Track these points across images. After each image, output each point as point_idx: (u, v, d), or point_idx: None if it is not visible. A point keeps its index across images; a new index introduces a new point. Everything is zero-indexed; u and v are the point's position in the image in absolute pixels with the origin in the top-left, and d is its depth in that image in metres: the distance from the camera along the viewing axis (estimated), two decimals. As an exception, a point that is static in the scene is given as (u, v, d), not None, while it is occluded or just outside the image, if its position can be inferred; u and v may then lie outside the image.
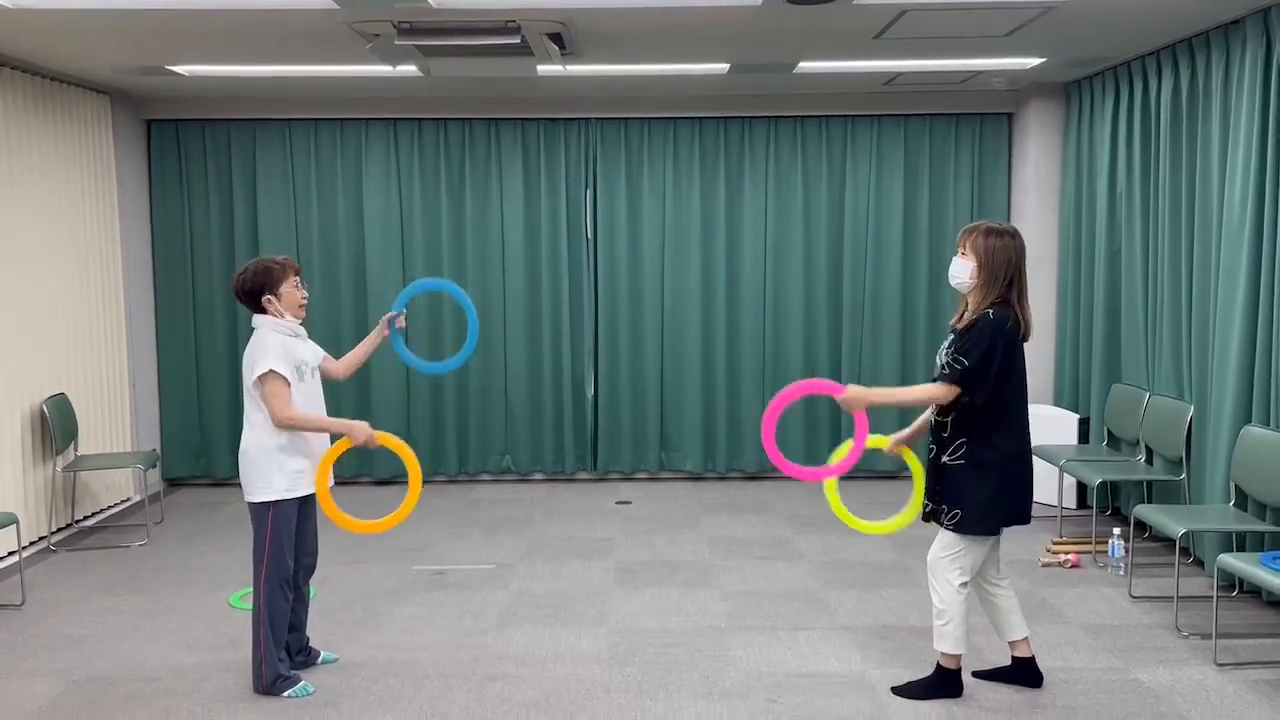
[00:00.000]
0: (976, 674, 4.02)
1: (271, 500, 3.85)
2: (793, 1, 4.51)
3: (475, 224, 7.40)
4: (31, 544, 5.92)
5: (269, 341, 3.83)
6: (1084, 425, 6.46)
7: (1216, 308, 5.07)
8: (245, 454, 3.89)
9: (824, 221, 7.39)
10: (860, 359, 7.45)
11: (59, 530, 6.19)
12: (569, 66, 5.95)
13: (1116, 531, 5.48)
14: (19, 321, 5.82)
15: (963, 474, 3.68)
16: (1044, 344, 7.04)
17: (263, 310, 3.89)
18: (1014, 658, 3.97)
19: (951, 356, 3.63)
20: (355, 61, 5.75)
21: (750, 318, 7.45)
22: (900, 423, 7.09)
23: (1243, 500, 4.81)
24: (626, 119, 7.35)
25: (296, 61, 5.82)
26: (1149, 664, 4.20)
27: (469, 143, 7.36)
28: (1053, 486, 6.08)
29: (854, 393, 3.75)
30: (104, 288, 6.71)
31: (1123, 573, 5.24)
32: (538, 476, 7.67)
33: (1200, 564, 5.29)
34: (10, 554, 5.61)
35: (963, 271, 3.72)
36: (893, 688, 3.96)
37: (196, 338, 7.42)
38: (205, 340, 7.42)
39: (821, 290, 7.43)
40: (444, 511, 6.77)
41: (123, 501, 6.91)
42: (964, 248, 3.73)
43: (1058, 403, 6.94)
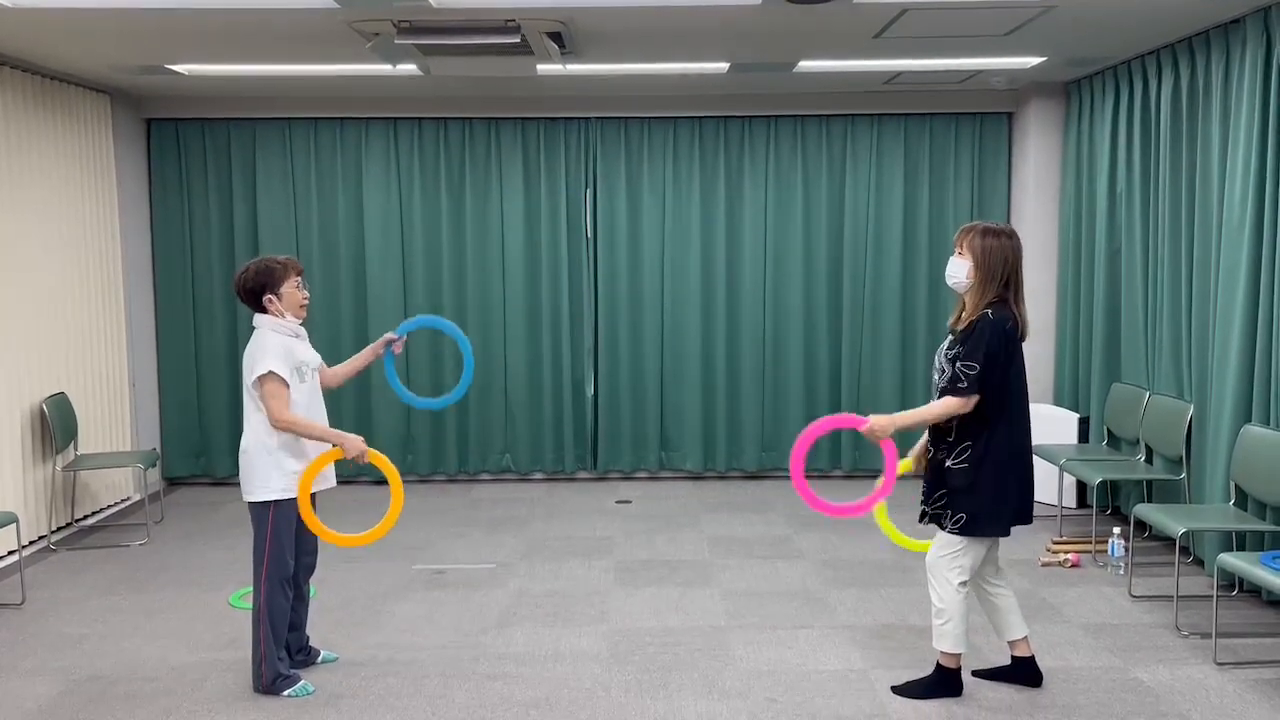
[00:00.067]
0: (976, 673, 4.02)
1: (271, 500, 3.85)
2: (793, 1, 4.51)
3: (475, 223, 7.40)
4: (31, 543, 5.92)
5: (269, 342, 3.82)
6: (1084, 424, 6.47)
7: (1216, 307, 5.06)
8: (245, 454, 3.88)
9: (824, 221, 7.39)
10: (860, 358, 7.45)
11: (59, 529, 6.19)
12: (569, 66, 5.95)
13: (1116, 531, 5.48)
14: (19, 321, 5.82)
15: (967, 477, 3.67)
16: (1044, 343, 7.04)
17: (263, 310, 3.89)
18: (1013, 657, 3.97)
19: (961, 367, 3.61)
20: (355, 61, 5.75)
21: (750, 317, 7.45)
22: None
23: (1243, 500, 4.81)
24: (626, 118, 7.35)
25: (296, 60, 5.82)
26: (1149, 663, 4.20)
27: (469, 142, 7.36)
28: (1053, 486, 6.08)
29: (877, 422, 3.68)
30: (104, 287, 6.71)
31: (1123, 572, 5.24)
32: (538, 476, 7.67)
33: (1200, 563, 5.29)
34: (10, 553, 5.61)
35: (960, 271, 3.72)
36: (893, 687, 3.96)
37: (196, 337, 7.42)
38: (205, 339, 7.42)
39: (821, 289, 7.43)
40: (444, 511, 6.77)
41: (122, 501, 6.91)
42: (961, 247, 3.73)
43: (1058, 402, 6.94)
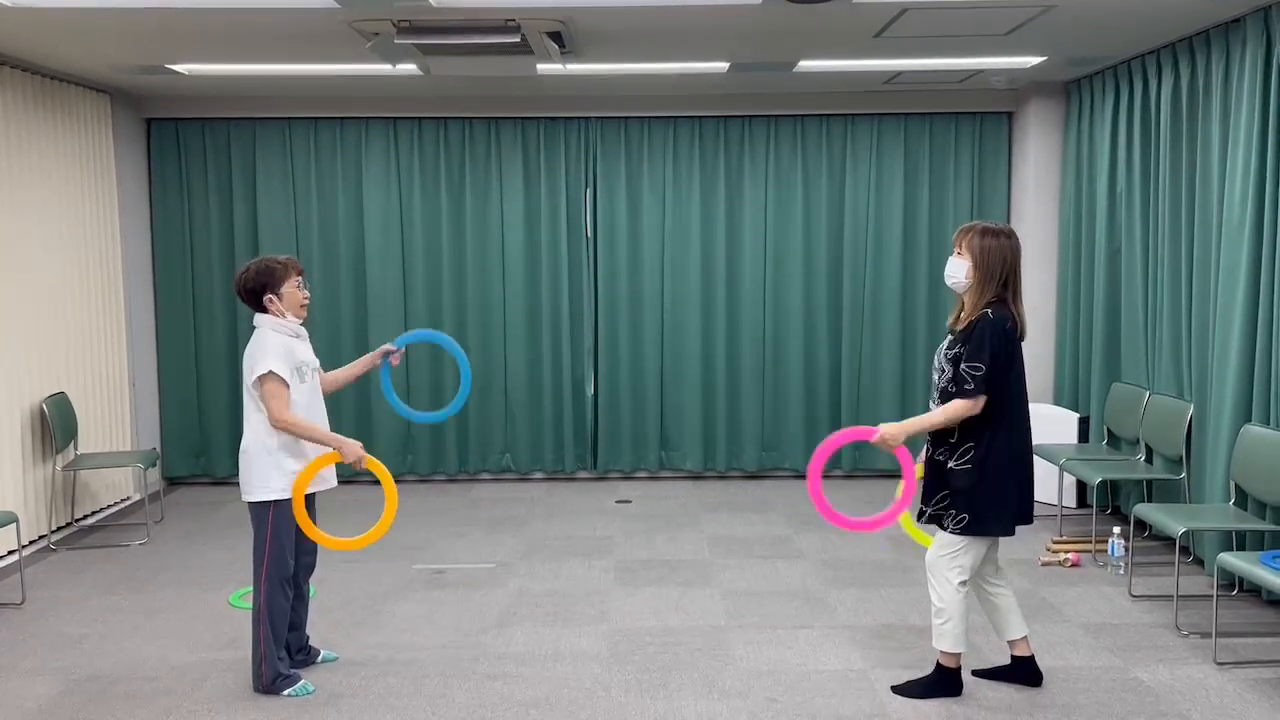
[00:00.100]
0: (976, 673, 4.02)
1: (271, 500, 3.85)
2: (793, 1, 4.51)
3: (475, 223, 7.40)
4: (31, 543, 5.92)
5: (269, 342, 3.82)
6: (1084, 424, 6.46)
7: (1216, 307, 5.06)
8: (245, 453, 3.88)
9: (824, 220, 7.39)
10: (860, 357, 7.45)
11: (59, 529, 6.19)
12: (569, 65, 5.95)
13: (1116, 530, 5.48)
14: (19, 320, 5.81)
15: (970, 478, 3.67)
16: (1044, 343, 7.04)
17: (264, 309, 3.89)
18: (1013, 656, 3.97)
19: (967, 369, 3.61)
20: (355, 60, 5.75)
21: (750, 316, 7.45)
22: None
23: (1242, 499, 4.81)
24: (626, 118, 7.35)
25: (296, 60, 5.81)
26: (1149, 663, 4.20)
27: (469, 142, 7.36)
28: (1053, 485, 6.08)
29: (888, 430, 3.69)
30: (104, 286, 6.71)
31: (1123, 572, 5.24)
32: (538, 475, 7.67)
33: (1200, 563, 5.29)
34: (10, 553, 5.61)
35: (958, 271, 3.72)
36: (893, 686, 3.96)
37: (196, 336, 7.42)
38: (205, 339, 7.42)
39: (821, 288, 7.43)
40: (444, 510, 6.77)
41: (122, 500, 6.91)
42: (960, 247, 3.74)
43: (1058, 402, 6.94)
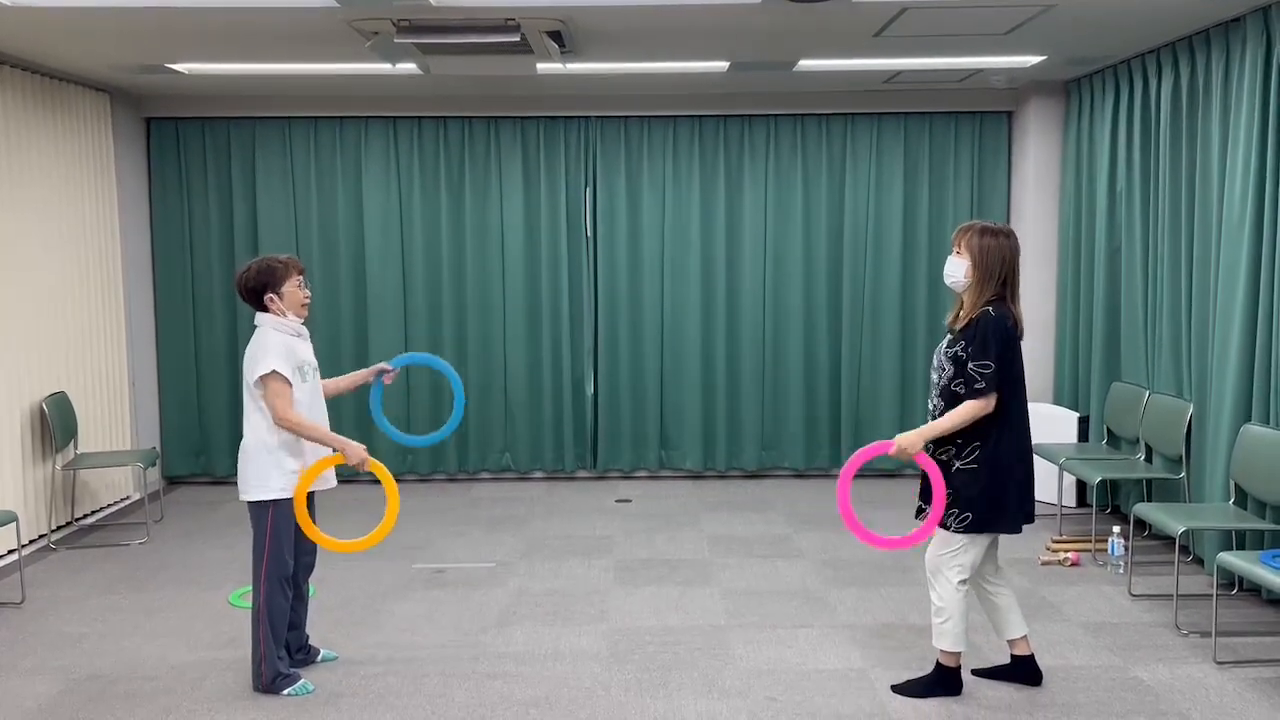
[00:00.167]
0: (976, 672, 4.02)
1: (270, 499, 3.85)
2: (793, 0, 4.51)
3: (475, 222, 7.40)
4: (31, 542, 5.92)
5: (271, 341, 3.82)
6: (1084, 423, 6.46)
7: (1216, 306, 5.06)
8: (244, 453, 3.89)
9: (824, 219, 7.39)
10: (860, 356, 7.45)
11: (59, 528, 6.19)
12: (569, 65, 5.95)
13: (1116, 530, 5.48)
14: (18, 320, 5.81)
15: (976, 476, 3.67)
16: (1044, 342, 7.04)
17: (264, 308, 3.89)
18: (1013, 656, 3.97)
19: (975, 369, 3.61)
20: (355, 60, 5.75)
21: (750, 315, 7.45)
22: (900, 426, 7.19)
23: (1242, 498, 4.81)
24: (626, 117, 7.35)
25: (296, 59, 5.81)
26: (1149, 662, 4.20)
27: (469, 141, 7.36)
28: (1052, 485, 6.08)
29: (904, 440, 3.67)
30: (103, 286, 6.70)
31: (1122, 571, 5.24)
32: (537, 475, 7.67)
33: (1200, 562, 5.29)
34: (10, 552, 5.60)
35: (957, 270, 3.72)
36: (892, 686, 3.96)
37: (196, 336, 7.42)
38: (205, 338, 7.42)
39: (821, 288, 7.43)
40: (444, 510, 6.77)
41: (122, 500, 6.91)
42: (959, 246, 3.74)
43: (1057, 401, 6.94)
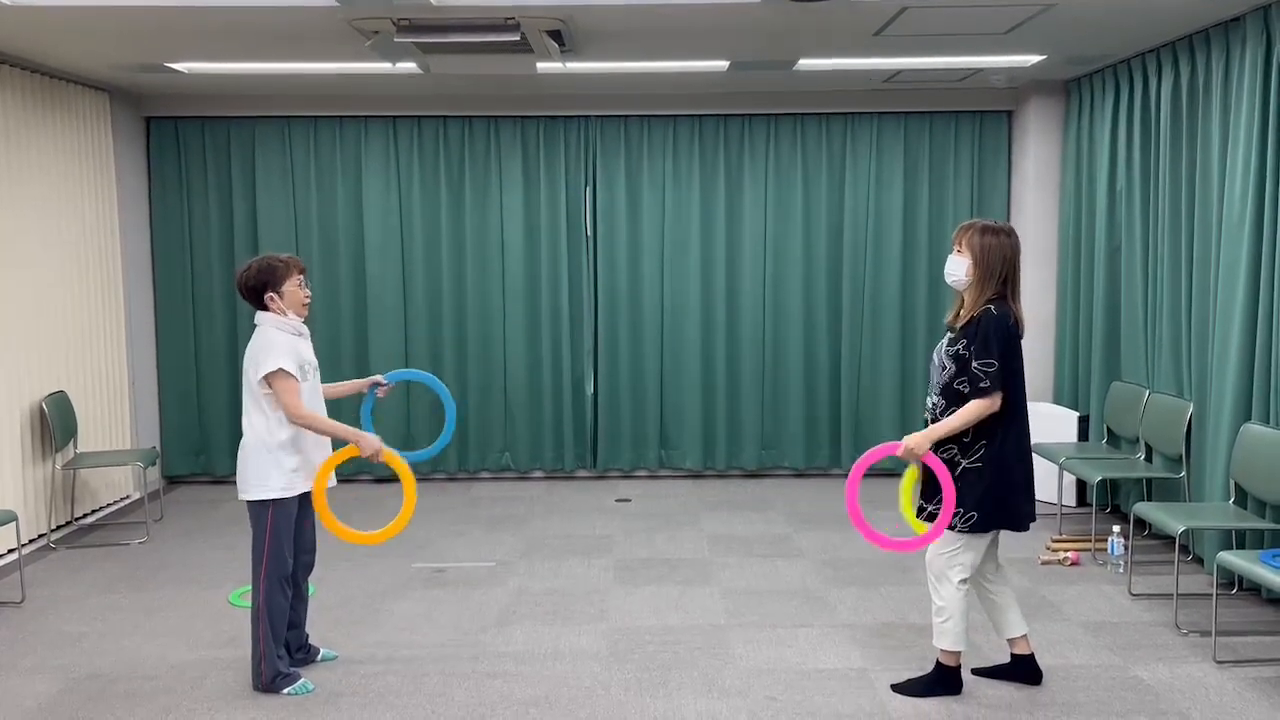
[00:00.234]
0: (976, 671, 4.02)
1: (270, 499, 3.85)
2: (793, -1, 4.51)
3: (475, 222, 7.39)
4: (31, 541, 5.92)
5: (275, 340, 3.82)
6: (1084, 423, 6.46)
7: (1216, 305, 5.06)
8: (244, 452, 3.88)
9: (824, 219, 7.39)
10: (860, 355, 7.45)
11: (58, 528, 6.19)
12: (569, 64, 5.95)
13: (1116, 529, 5.48)
14: (18, 319, 5.81)
15: (982, 475, 3.67)
16: (1044, 341, 7.04)
17: (265, 307, 3.88)
18: (1013, 655, 3.98)
19: (979, 367, 3.60)
20: (355, 59, 5.75)
21: (750, 315, 7.44)
22: (900, 425, 7.20)
23: (1242, 498, 4.81)
24: (626, 116, 7.34)
25: (296, 59, 5.81)
26: (1148, 661, 4.20)
27: (468, 140, 7.35)
28: (1052, 484, 6.08)
29: (912, 441, 3.65)
30: (103, 285, 6.70)
31: (1122, 570, 5.24)
32: (537, 474, 7.67)
33: (1200, 561, 5.29)
34: (10, 551, 5.60)
35: (958, 269, 3.72)
36: (892, 685, 3.97)
37: (196, 335, 7.42)
38: (205, 337, 7.41)
39: (821, 287, 7.43)
40: (443, 509, 6.77)
41: (122, 499, 6.91)
42: (960, 245, 3.74)
43: (1057, 400, 6.94)
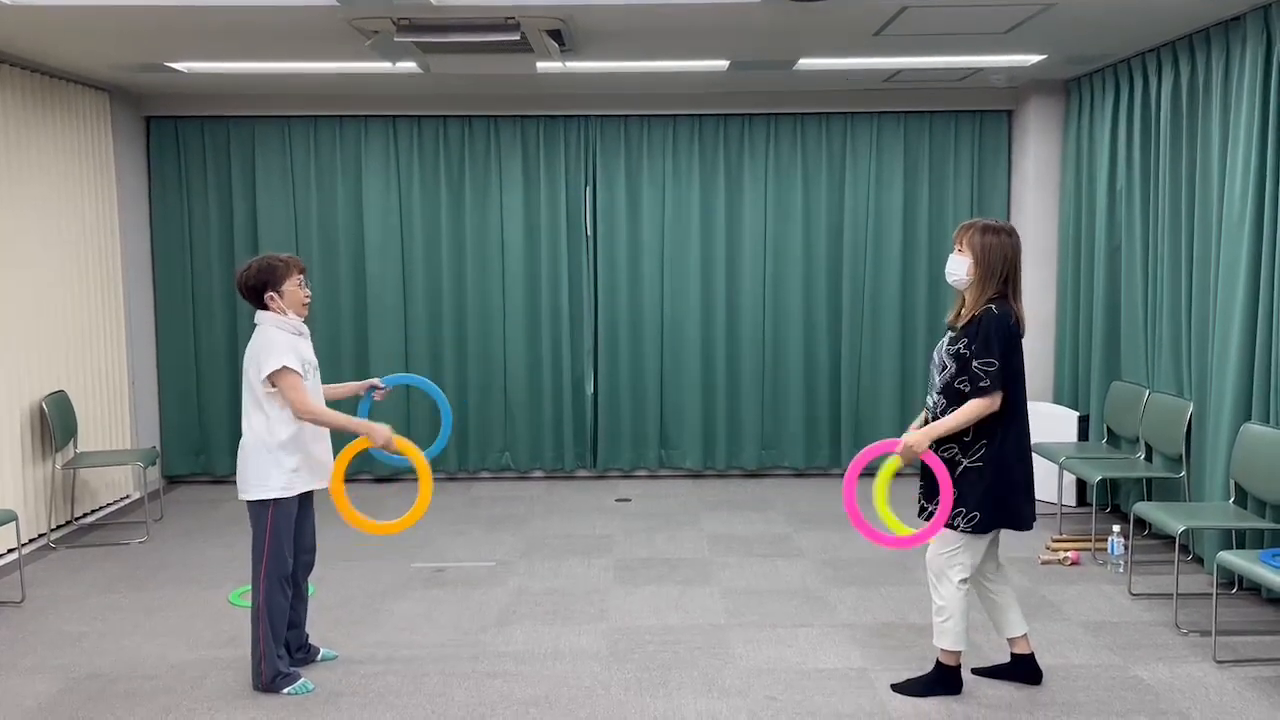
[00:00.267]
0: (976, 671, 4.02)
1: (270, 498, 3.85)
2: (792, -2, 4.51)
3: (475, 221, 7.39)
4: (31, 541, 5.92)
5: (277, 338, 3.82)
6: (1084, 422, 6.46)
7: (1216, 305, 5.06)
8: (244, 451, 3.88)
9: (823, 218, 7.39)
10: (860, 355, 7.45)
11: (58, 527, 6.19)
12: (568, 63, 5.95)
13: (1116, 529, 5.48)
14: (18, 319, 5.81)
15: (981, 475, 3.66)
16: (1044, 341, 7.04)
17: (265, 307, 3.88)
18: (1013, 654, 3.97)
19: (980, 366, 3.60)
20: (355, 58, 5.74)
21: (750, 314, 7.44)
22: (900, 425, 7.18)
23: (1242, 497, 4.81)
24: (626, 116, 7.34)
25: (296, 58, 5.81)
26: (1148, 661, 4.20)
27: (468, 140, 7.36)
28: (1052, 484, 6.08)
29: (911, 438, 3.65)
30: (103, 285, 6.70)
31: (1122, 570, 5.24)
32: (537, 474, 7.67)
33: (1200, 561, 5.29)
34: (10, 551, 5.60)
35: (959, 268, 3.72)
36: (892, 685, 3.97)
37: (196, 335, 7.42)
38: (205, 337, 7.41)
39: (821, 287, 7.43)
40: (443, 509, 6.77)
41: (122, 499, 6.91)
42: (961, 244, 3.74)
43: (1057, 400, 6.94)
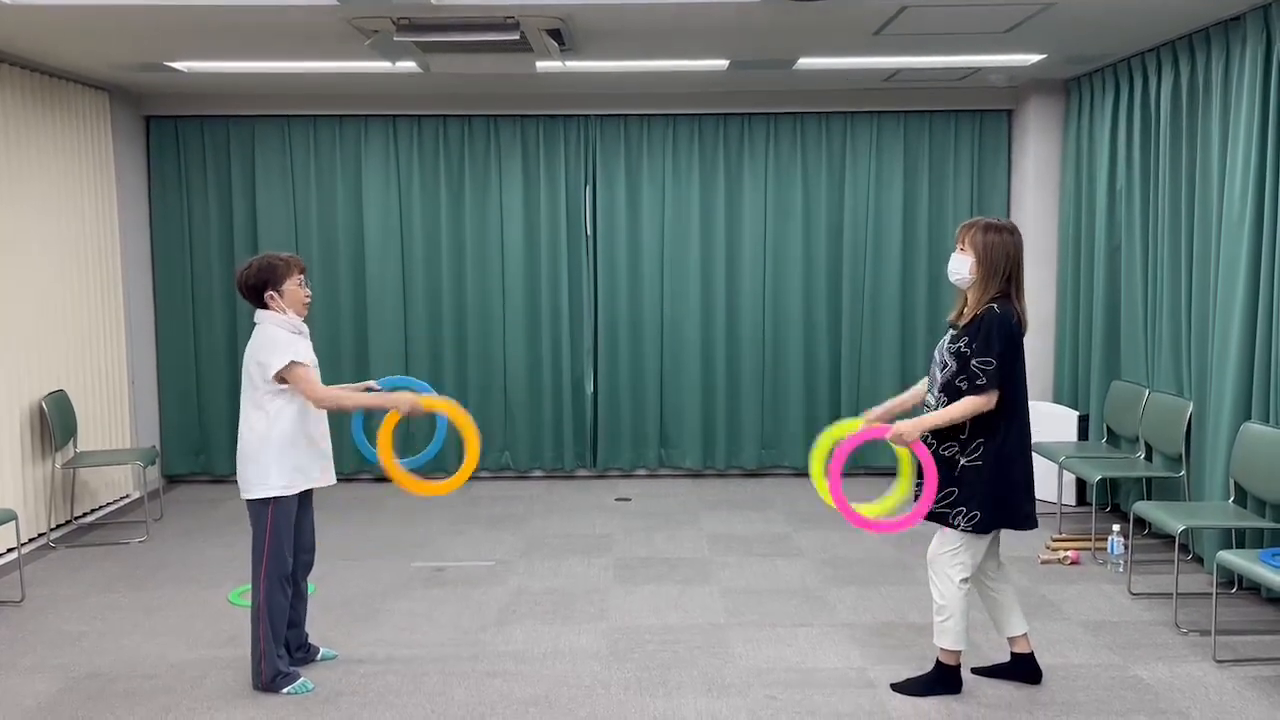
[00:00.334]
0: (976, 670, 4.02)
1: (270, 497, 3.85)
2: (792, -3, 4.51)
3: (475, 221, 7.39)
4: (31, 540, 5.92)
5: (277, 335, 3.82)
6: (1083, 422, 6.46)
7: (1216, 304, 5.06)
8: (244, 450, 3.88)
9: (823, 218, 7.38)
10: (860, 354, 7.44)
11: (58, 527, 6.19)
12: (568, 63, 5.94)
13: (1116, 528, 5.48)
14: (18, 318, 5.81)
15: (981, 474, 3.66)
16: (1044, 341, 7.04)
17: (265, 306, 3.88)
18: (1013, 654, 3.98)
19: (978, 365, 3.60)
20: (354, 58, 5.74)
21: (750, 314, 7.44)
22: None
23: (1242, 497, 4.81)
24: (626, 115, 7.34)
25: (296, 58, 5.81)
26: (1148, 660, 4.20)
27: (468, 139, 7.35)
28: (1052, 483, 6.08)
29: (903, 427, 3.66)
30: (103, 284, 6.70)
31: (1122, 569, 5.24)
32: (537, 473, 7.66)
33: (1199, 561, 5.29)
34: (9, 550, 5.60)
35: (962, 267, 3.72)
36: (892, 684, 3.96)
37: (195, 334, 7.41)
38: (204, 336, 7.41)
39: (821, 286, 7.42)
40: (443, 508, 6.77)
41: (122, 498, 6.91)
42: (963, 243, 3.74)
43: (1057, 399, 6.94)
